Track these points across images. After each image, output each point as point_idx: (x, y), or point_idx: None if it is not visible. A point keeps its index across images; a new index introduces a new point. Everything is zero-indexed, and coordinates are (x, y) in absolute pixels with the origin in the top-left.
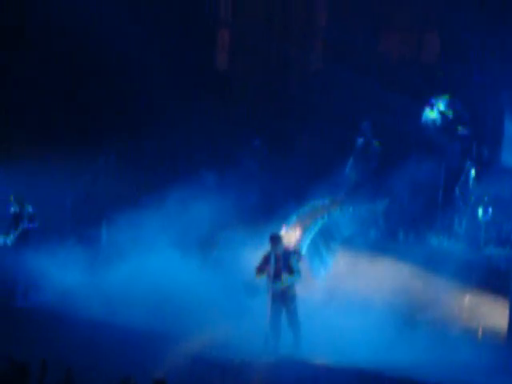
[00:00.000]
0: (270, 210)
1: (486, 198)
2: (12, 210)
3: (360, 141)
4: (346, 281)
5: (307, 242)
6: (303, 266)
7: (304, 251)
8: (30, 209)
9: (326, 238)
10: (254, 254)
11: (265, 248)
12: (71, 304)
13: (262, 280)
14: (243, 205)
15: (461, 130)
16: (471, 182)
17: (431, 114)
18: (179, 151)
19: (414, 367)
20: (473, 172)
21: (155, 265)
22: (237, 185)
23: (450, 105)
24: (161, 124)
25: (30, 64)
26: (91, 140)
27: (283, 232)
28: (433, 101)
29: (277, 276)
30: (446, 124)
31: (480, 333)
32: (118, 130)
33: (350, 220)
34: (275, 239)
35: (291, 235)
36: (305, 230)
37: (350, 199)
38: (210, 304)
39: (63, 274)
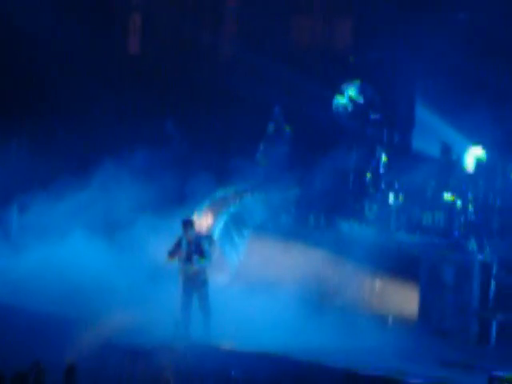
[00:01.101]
0: (182, 194)
1: (396, 184)
2: None
3: (271, 126)
4: (257, 266)
5: (219, 227)
6: (215, 250)
7: (216, 236)
8: None
9: (237, 224)
10: (166, 237)
11: (176, 232)
12: None
13: (174, 264)
14: (155, 188)
15: (372, 115)
16: (382, 167)
17: (342, 100)
18: (92, 135)
19: (323, 352)
20: (384, 157)
21: (66, 249)
22: (149, 168)
23: (361, 90)
24: (74, 108)
25: None
26: (3, 123)
27: (195, 217)
28: (343, 86)
29: (188, 260)
30: (357, 109)
31: (390, 318)
32: (31, 113)
33: (262, 207)
34: (187, 224)
35: (203, 220)
36: (217, 216)
37: (262, 186)
38: (120, 288)
39: None
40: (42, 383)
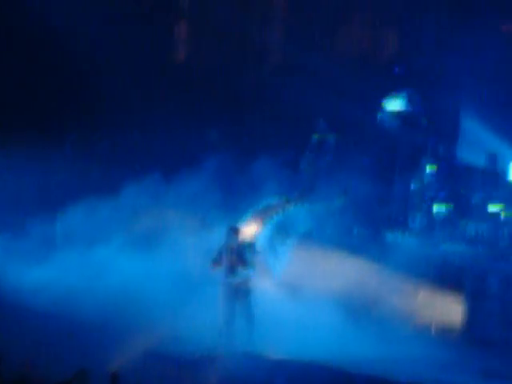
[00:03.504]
0: (225, 203)
1: (441, 194)
2: None
3: (315, 136)
4: (300, 275)
5: (262, 237)
6: (258, 260)
7: (259, 246)
8: None
9: (281, 234)
10: (208, 245)
11: (219, 240)
12: (24, 295)
13: (217, 272)
14: (197, 197)
15: (418, 125)
16: (427, 177)
17: (388, 111)
18: (137, 143)
19: (365, 361)
20: (429, 168)
21: (108, 257)
22: (193, 177)
23: (407, 101)
24: (120, 116)
25: None
26: (48, 131)
27: (239, 226)
28: (389, 97)
29: (231, 269)
30: (403, 119)
31: (433, 328)
32: (78, 121)
33: (306, 216)
34: (232, 231)
35: (247, 230)
36: (260, 226)
37: (306, 196)
38: (163, 296)
39: (17, 264)
40: None
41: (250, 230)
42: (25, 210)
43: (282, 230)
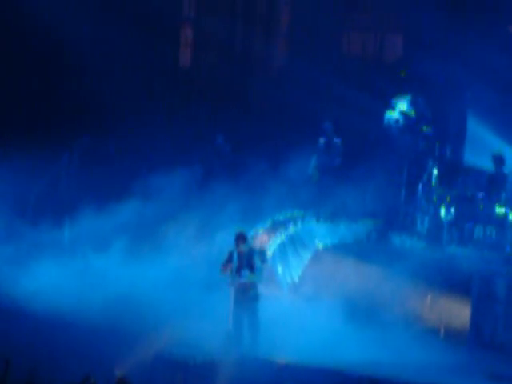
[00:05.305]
0: (235, 209)
1: (448, 198)
2: None
3: (322, 140)
4: (309, 280)
5: (275, 246)
6: (266, 267)
7: (269, 254)
8: None
9: (296, 246)
10: (219, 250)
11: (229, 245)
12: (32, 300)
13: (226, 277)
14: (205, 203)
15: (423, 129)
16: (434, 181)
17: (393, 114)
18: (143, 148)
19: (375, 366)
20: (435, 171)
21: (114, 261)
22: (198, 183)
23: (412, 104)
24: (125, 121)
25: None
26: (55, 136)
27: (253, 233)
28: (394, 101)
29: (238, 272)
30: (409, 123)
31: (441, 332)
32: (83, 127)
33: (327, 233)
34: (240, 238)
35: (259, 237)
36: (272, 236)
37: (327, 213)
38: (171, 301)
39: (25, 270)
40: None
41: (261, 238)
42: (31, 214)
43: (298, 243)
